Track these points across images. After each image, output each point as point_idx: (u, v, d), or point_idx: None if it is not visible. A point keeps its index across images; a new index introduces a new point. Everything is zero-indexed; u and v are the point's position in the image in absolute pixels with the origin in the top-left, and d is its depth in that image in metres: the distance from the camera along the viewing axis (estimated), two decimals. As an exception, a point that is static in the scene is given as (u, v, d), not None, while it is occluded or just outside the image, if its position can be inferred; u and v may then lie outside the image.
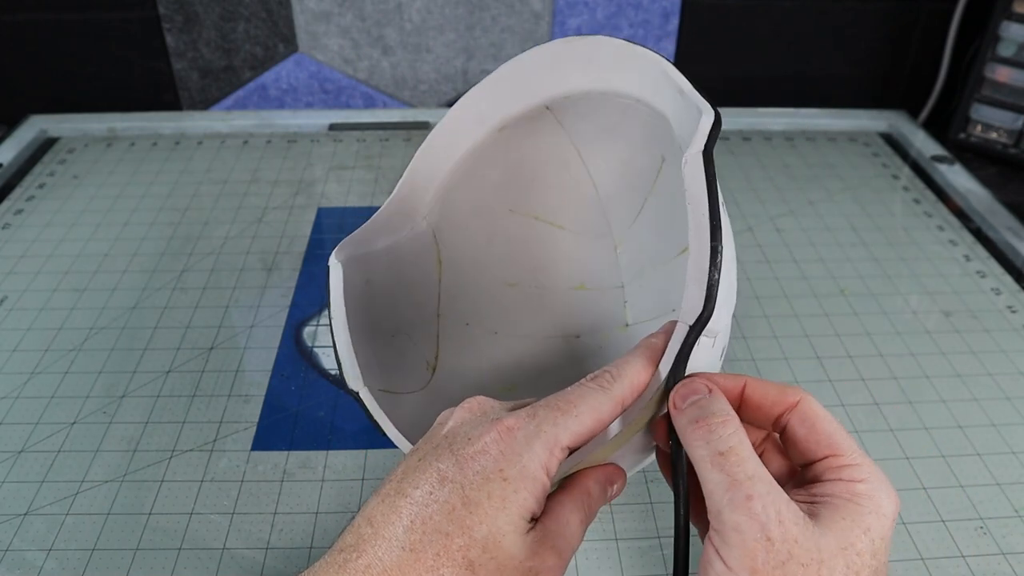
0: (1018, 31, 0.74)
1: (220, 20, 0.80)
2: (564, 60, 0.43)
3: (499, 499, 0.29)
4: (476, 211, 0.49)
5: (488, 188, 0.49)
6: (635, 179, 0.49)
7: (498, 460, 0.29)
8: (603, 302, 0.51)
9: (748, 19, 0.83)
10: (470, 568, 0.28)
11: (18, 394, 0.50)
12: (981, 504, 0.44)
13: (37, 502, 0.43)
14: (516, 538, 0.29)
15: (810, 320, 0.57)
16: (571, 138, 0.48)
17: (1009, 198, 0.72)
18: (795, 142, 0.81)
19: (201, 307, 0.58)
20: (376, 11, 0.80)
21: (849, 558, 0.27)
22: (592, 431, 0.31)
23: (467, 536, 0.28)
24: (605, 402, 0.31)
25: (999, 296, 0.60)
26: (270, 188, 0.72)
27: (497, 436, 0.30)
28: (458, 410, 0.33)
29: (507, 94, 0.45)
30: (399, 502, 0.29)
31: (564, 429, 0.30)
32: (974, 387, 0.52)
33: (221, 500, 0.44)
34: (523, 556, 0.29)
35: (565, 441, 0.30)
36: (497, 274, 0.51)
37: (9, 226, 0.66)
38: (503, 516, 0.29)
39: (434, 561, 0.28)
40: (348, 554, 0.29)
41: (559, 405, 0.31)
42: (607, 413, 0.31)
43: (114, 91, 0.83)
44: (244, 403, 0.50)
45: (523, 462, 0.29)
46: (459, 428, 0.31)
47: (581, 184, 0.50)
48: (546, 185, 0.50)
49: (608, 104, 0.44)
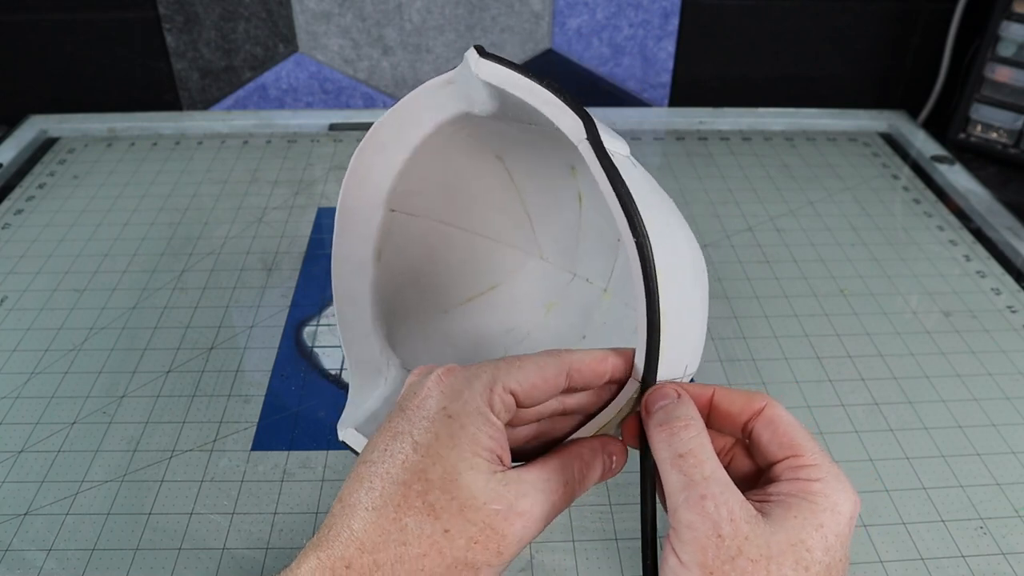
0: (1018, 31, 0.74)
1: (220, 20, 0.80)
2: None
3: (447, 437, 0.29)
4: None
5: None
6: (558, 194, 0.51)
7: (440, 400, 0.30)
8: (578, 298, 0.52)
9: (748, 19, 0.83)
10: (431, 512, 0.28)
11: (18, 394, 0.50)
12: (981, 504, 0.44)
13: (37, 502, 0.43)
14: (474, 476, 0.29)
15: (810, 320, 0.57)
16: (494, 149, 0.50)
17: (1009, 198, 0.72)
18: (795, 142, 0.81)
19: (201, 307, 0.58)
20: (376, 11, 0.80)
21: (799, 554, 0.28)
22: (535, 384, 0.32)
23: (422, 480, 0.29)
24: (551, 363, 0.32)
25: (999, 296, 0.60)
26: (270, 188, 0.72)
27: (437, 378, 0.31)
28: (421, 372, 0.34)
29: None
30: (360, 470, 0.30)
31: (506, 374, 0.31)
32: (974, 387, 0.52)
33: (221, 500, 0.44)
34: (486, 497, 0.29)
35: (511, 384, 0.31)
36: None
37: (9, 226, 0.66)
38: (454, 453, 0.29)
39: (396, 513, 0.28)
40: (322, 533, 0.30)
41: (505, 360, 0.32)
42: (551, 372, 0.32)
43: (114, 91, 0.83)
44: (244, 403, 0.50)
45: (464, 397, 0.30)
46: (406, 390, 0.32)
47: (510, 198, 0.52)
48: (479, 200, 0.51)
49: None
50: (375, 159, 0.45)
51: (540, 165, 0.51)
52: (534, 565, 0.41)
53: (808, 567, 0.28)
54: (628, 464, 0.46)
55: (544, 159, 0.50)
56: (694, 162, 0.77)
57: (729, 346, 0.55)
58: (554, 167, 0.51)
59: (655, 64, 0.85)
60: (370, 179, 0.46)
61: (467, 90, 0.43)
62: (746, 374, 0.53)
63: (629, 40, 0.83)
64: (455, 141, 0.47)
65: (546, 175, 0.51)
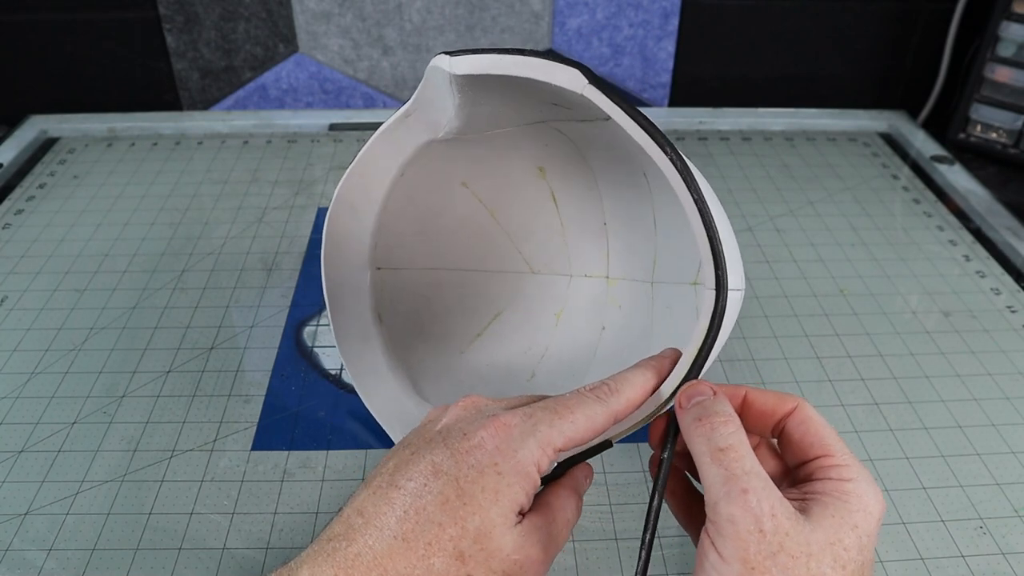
0: (1018, 31, 0.74)
1: (220, 20, 0.80)
2: None
3: (492, 492, 0.29)
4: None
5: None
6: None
7: (493, 454, 0.30)
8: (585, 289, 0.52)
9: (748, 19, 0.83)
10: (460, 558, 0.29)
11: (18, 394, 0.50)
12: (981, 504, 0.44)
13: (37, 502, 0.43)
14: (506, 530, 0.30)
15: (810, 320, 0.57)
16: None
17: (1009, 198, 0.72)
18: (795, 142, 0.81)
19: (201, 307, 0.58)
20: (376, 11, 0.80)
21: (837, 552, 0.28)
22: (584, 438, 0.32)
23: (459, 527, 0.29)
24: (601, 413, 0.32)
25: (999, 296, 0.60)
26: (270, 188, 0.72)
27: (494, 431, 0.31)
28: (453, 407, 0.34)
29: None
30: (392, 493, 0.30)
31: (559, 432, 0.31)
32: (974, 387, 0.52)
33: (221, 500, 0.44)
34: (510, 549, 0.30)
35: (559, 443, 0.31)
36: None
37: (9, 226, 0.66)
38: (496, 509, 0.29)
39: (425, 550, 0.29)
40: (337, 543, 0.29)
41: (556, 409, 0.32)
42: (601, 424, 0.33)
43: (114, 91, 0.83)
44: (244, 403, 0.50)
45: (517, 457, 0.30)
46: (454, 424, 0.32)
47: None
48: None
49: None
50: (349, 224, 0.45)
51: (505, 177, 0.50)
52: (534, 565, 0.41)
53: (844, 565, 0.28)
54: (628, 464, 0.46)
55: (508, 169, 0.50)
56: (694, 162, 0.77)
57: (729, 346, 0.55)
58: (521, 174, 0.51)
59: (655, 64, 0.85)
60: (349, 245, 0.46)
61: (429, 115, 0.42)
62: (746, 374, 0.53)
63: (629, 40, 0.83)
64: (419, 181, 0.47)
65: (514, 186, 0.51)
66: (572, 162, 0.49)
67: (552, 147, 0.49)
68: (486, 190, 0.51)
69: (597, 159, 0.48)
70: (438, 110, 0.42)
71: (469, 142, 0.46)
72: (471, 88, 0.39)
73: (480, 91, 0.40)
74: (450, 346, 0.50)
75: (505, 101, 0.42)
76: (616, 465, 0.46)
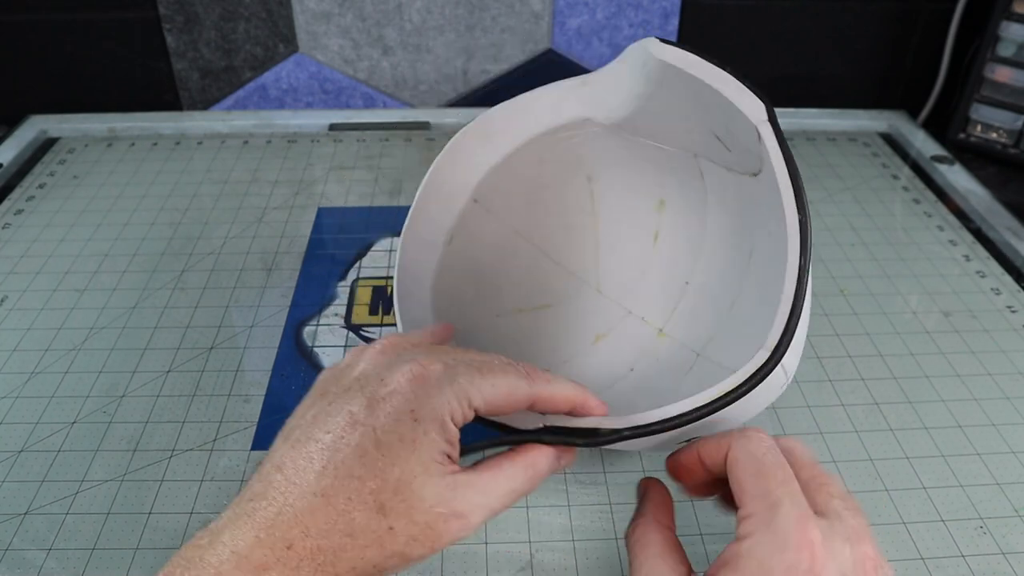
0: (1018, 31, 0.74)
1: (220, 20, 0.80)
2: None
3: (410, 440, 0.29)
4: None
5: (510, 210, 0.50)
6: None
7: (410, 400, 0.29)
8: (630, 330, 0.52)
9: (748, 19, 0.83)
10: (381, 511, 0.28)
11: (18, 394, 0.50)
12: (981, 504, 0.44)
13: (37, 502, 0.43)
14: (427, 480, 0.29)
15: (810, 320, 0.57)
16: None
17: (1009, 198, 0.72)
18: (795, 142, 0.81)
19: (201, 307, 0.58)
20: (376, 11, 0.80)
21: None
22: (501, 407, 0.31)
23: (380, 479, 0.28)
24: (522, 387, 0.32)
25: (999, 296, 0.60)
26: (270, 188, 0.72)
27: (411, 376, 0.30)
28: (370, 349, 0.33)
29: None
30: (310, 447, 0.29)
31: (477, 389, 0.31)
32: (974, 387, 0.52)
33: (221, 500, 0.44)
34: (433, 500, 0.29)
35: (477, 401, 0.30)
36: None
37: (9, 226, 0.66)
38: (415, 457, 0.29)
39: (345, 505, 0.28)
40: (257, 503, 0.29)
41: (480, 368, 0.31)
42: (521, 398, 0.32)
43: (114, 91, 0.83)
44: (244, 403, 0.50)
45: (433, 404, 0.29)
46: (372, 370, 0.31)
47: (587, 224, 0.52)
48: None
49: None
50: (476, 146, 0.45)
51: (628, 193, 0.50)
52: (534, 565, 0.41)
53: None
54: (627, 464, 0.46)
55: (635, 187, 0.50)
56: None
57: (729, 346, 0.55)
58: (642, 198, 0.51)
59: (655, 64, 0.85)
60: (465, 164, 0.45)
61: (604, 93, 0.43)
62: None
63: (629, 40, 0.83)
64: (555, 152, 0.47)
65: (630, 205, 0.51)
66: (692, 212, 0.49)
67: (685, 187, 0.48)
68: (604, 194, 0.51)
69: (716, 217, 0.48)
70: (614, 92, 0.42)
71: (615, 141, 0.46)
72: (659, 83, 0.40)
73: (665, 89, 0.40)
74: (490, 303, 0.50)
75: (678, 112, 0.42)
76: (616, 465, 0.46)
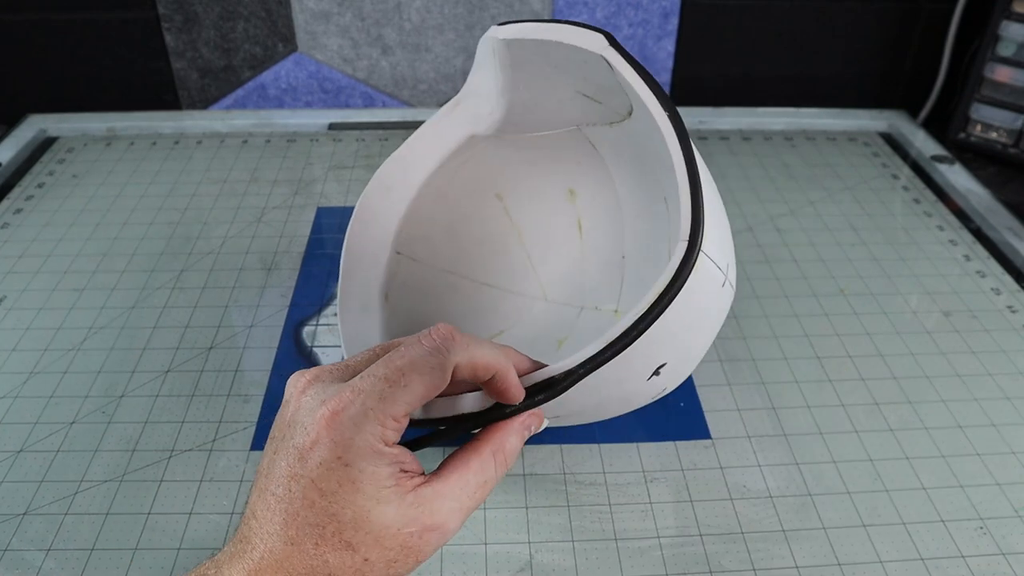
0: (1018, 31, 0.74)
1: (219, 20, 0.80)
2: None
3: (348, 483, 0.29)
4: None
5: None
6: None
7: (332, 449, 0.29)
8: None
9: (748, 19, 0.82)
10: (349, 548, 0.29)
11: (17, 394, 0.50)
12: (981, 504, 0.44)
13: (36, 502, 0.43)
14: (384, 509, 0.29)
15: (810, 320, 0.57)
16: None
17: (1009, 198, 0.72)
18: (795, 142, 0.81)
19: (200, 307, 0.58)
20: (375, 11, 0.80)
21: None
22: (424, 399, 0.31)
23: (336, 522, 0.29)
24: (436, 374, 0.31)
25: (999, 296, 0.60)
26: (269, 188, 0.72)
27: (325, 424, 0.30)
28: (299, 384, 0.32)
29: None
30: (269, 499, 0.30)
31: (392, 403, 0.30)
32: (974, 387, 0.52)
33: (220, 500, 0.44)
34: (399, 525, 0.30)
35: (399, 412, 0.30)
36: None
37: (8, 225, 0.66)
38: (360, 497, 0.29)
39: (315, 549, 0.29)
40: (244, 545, 0.30)
41: (387, 376, 0.30)
42: (438, 384, 0.31)
43: (114, 91, 0.83)
44: (243, 403, 0.50)
45: (355, 442, 0.29)
46: (297, 414, 0.31)
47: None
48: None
49: None
50: (380, 203, 0.47)
51: (538, 195, 0.51)
52: (534, 565, 0.41)
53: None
54: (627, 464, 0.46)
55: (543, 187, 0.51)
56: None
57: (729, 346, 0.55)
58: (552, 195, 0.51)
59: (655, 64, 0.85)
60: (376, 222, 0.47)
61: (475, 105, 0.45)
62: (746, 374, 0.53)
63: (629, 40, 0.83)
64: (457, 180, 0.48)
65: (544, 206, 0.52)
66: (602, 188, 0.50)
67: (585, 166, 0.49)
68: (517, 206, 0.52)
69: (624, 183, 0.49)
70: (483, 98, 0.44)
71: (508, 149, 0.47)
72: (512, 66, 0.41)
73: (520, 70, 0.42)
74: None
75: (543, 88, 0.43)
76: (616, 465, 0.46)
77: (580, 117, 0.46)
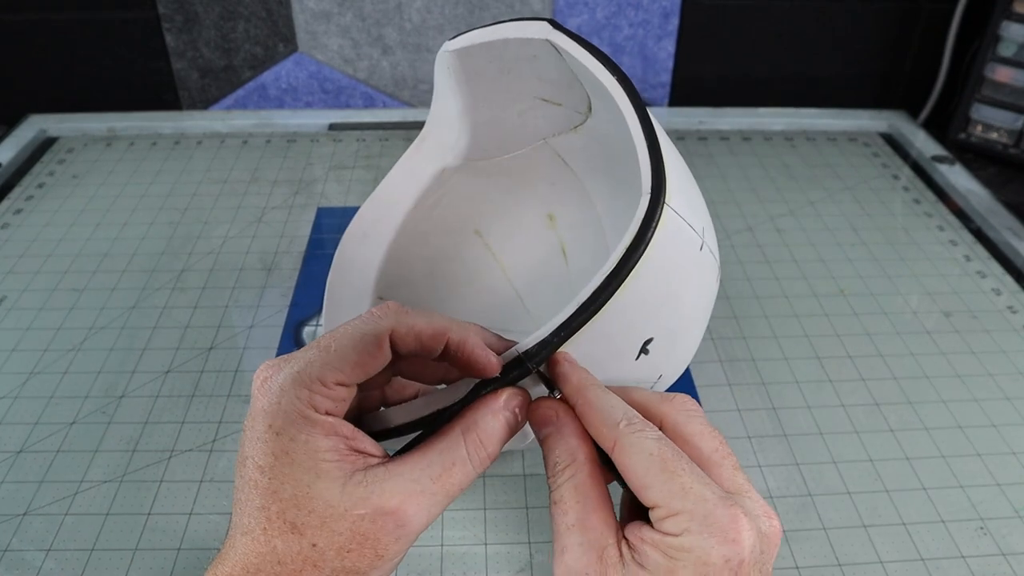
0: (1018, 31, 0.74)
1: (220, 20, 0.80)
2: None
3: (282, 454, 0.28)
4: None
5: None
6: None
7: (263, 418, 0.28)
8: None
9: (748, 19, 0.82)
10: (295, 531, 0.28)
11: (17, 394, 0.50)
12: (981, 504, 0.44)
13: (36, 502, 0.43)
14: (325, 485, 0.28)
15: (810, 320, 0.57)
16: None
17: (1009, 198, 0.72)
18: (795, 142, 0.81)
19: (200, 307, 0.58)
20: (376, 11, 0.80)
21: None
22: (358, 366, 0.29)
23: (277, 501, 0.28)
24: (369, 339, 0.30)
25: (999, 296, 0.60)
26: (270, 188, 0.72)
27: (257, 392, 0.29)
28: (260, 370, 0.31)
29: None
30: (234, 494, 0.30)
31: (319, 367, 0.29)
32: (974, 387, 0.52)
33: (220, 500, 0.44)
34: (345, 504, 0.28)
35: (328, 378, 0.29)
36: None
37: (8, 226, 0.66)
38: (296, 470, 0.28)
39: (264, 536, 0.28)
40: (232, 539, 0.29)
41: (318, 343, 0.30)
42: (371, 348, 0.30)
43: (114, 91, 0.83)
44: (244, 403, 0.50)
45: (282, 408, 0.28)
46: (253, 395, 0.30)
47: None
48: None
49: None
50: (358, 249, 0.46)
51: (518, 226, 0.51)
52: (533, 565, 0.41)
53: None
54: (628, 464, 0.46)
55: (521, 216, 0.50)
56: (694, 162, 0.77)
57: (729, 346, 0.55)
58: (532, 222, 0.51)
59: (655, 64, 0.85)
60: (355, 269, 0.46)
61: (440, 136, 0.44)
62: (746, 374, 0.53)
63: (629, 40, 0.83)
64: (434, 219, 0.48)
65: (526, 236, 0.51)
66: (580, 208, 0.49)
67: (559, 186, 0.49)
68: (498, 241, 0.51)
69: (601, 198, 0.48)
70: (446, 126, 0.43)
71: (481, 179, 0.47)
72: (468, 81, 0.41)
73: (476, 83, 0.41)
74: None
75: (502, 103, 0.43)
76: (616, 465, 0.46)
77: (544, 126, 0.46)
